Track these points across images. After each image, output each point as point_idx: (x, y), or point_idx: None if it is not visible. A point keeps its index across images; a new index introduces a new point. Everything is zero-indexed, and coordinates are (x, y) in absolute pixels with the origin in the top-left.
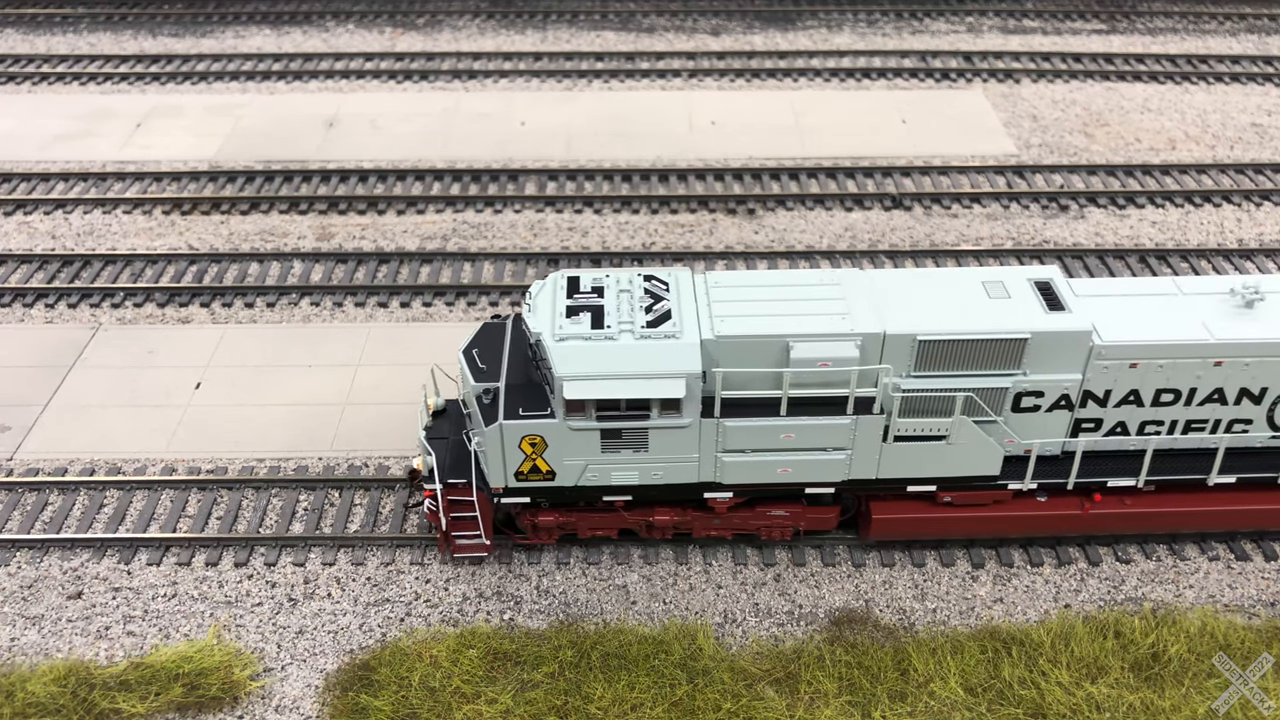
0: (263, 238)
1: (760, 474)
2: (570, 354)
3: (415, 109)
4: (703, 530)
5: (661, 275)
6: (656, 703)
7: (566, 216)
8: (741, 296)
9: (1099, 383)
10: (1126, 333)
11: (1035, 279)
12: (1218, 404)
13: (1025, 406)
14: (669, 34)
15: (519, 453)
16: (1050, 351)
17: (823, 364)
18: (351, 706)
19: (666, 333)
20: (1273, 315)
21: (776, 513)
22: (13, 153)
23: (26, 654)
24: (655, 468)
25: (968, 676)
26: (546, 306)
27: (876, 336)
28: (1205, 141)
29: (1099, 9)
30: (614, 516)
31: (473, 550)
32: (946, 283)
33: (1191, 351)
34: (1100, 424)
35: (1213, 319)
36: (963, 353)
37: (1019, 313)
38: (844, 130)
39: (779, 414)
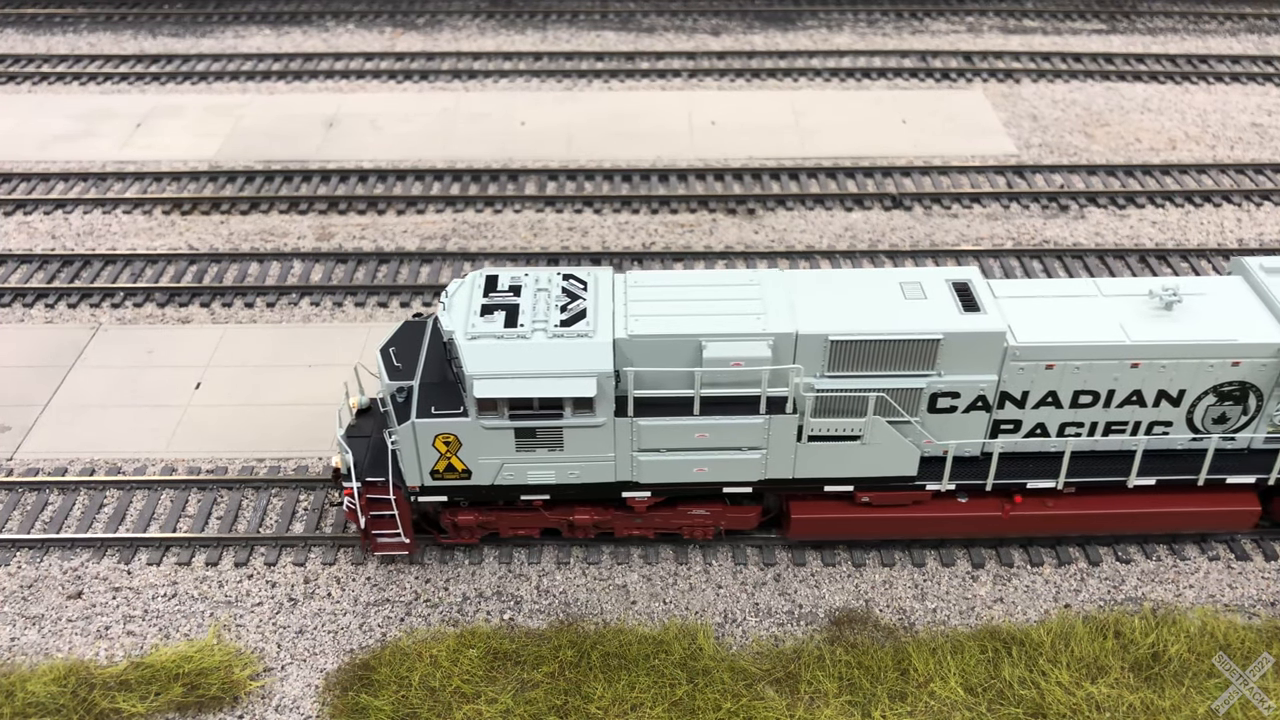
0: (263, 238)
1: (677, 473)
2: (481, 352)
3: (415, 109)
4: (624, 530)
5: (581, 275)
6: (656, 703)
7: (566, 216)
8: (659, 296)
9: (1015, 384)
10: (1042, 334)
11: (954, 280)
12: (1137, 406)
13: (942, 407)
14: (669, 34)
15: (433, 451)
16: (965, 352)
17: (735, 364)
18: (351, 706)
19: (579, 332)
20: (1190, 317)
21: (697, 512)
22: (13, 153)
23: (26, 654)
24: (571, 467)
25: (968, 676)
26: (462, 305)
27: (789, 336)
28: (1205, 141)
29: (1099, 9)
30: (534, 516)
31: (393, 549)
32: (865, 283)
33: (1107, 353)
34: (1019, 426)
35: (1130, 321)
36: (875, 353)
37: (933, 314)
38: (844, 130)
39: (693, 414)
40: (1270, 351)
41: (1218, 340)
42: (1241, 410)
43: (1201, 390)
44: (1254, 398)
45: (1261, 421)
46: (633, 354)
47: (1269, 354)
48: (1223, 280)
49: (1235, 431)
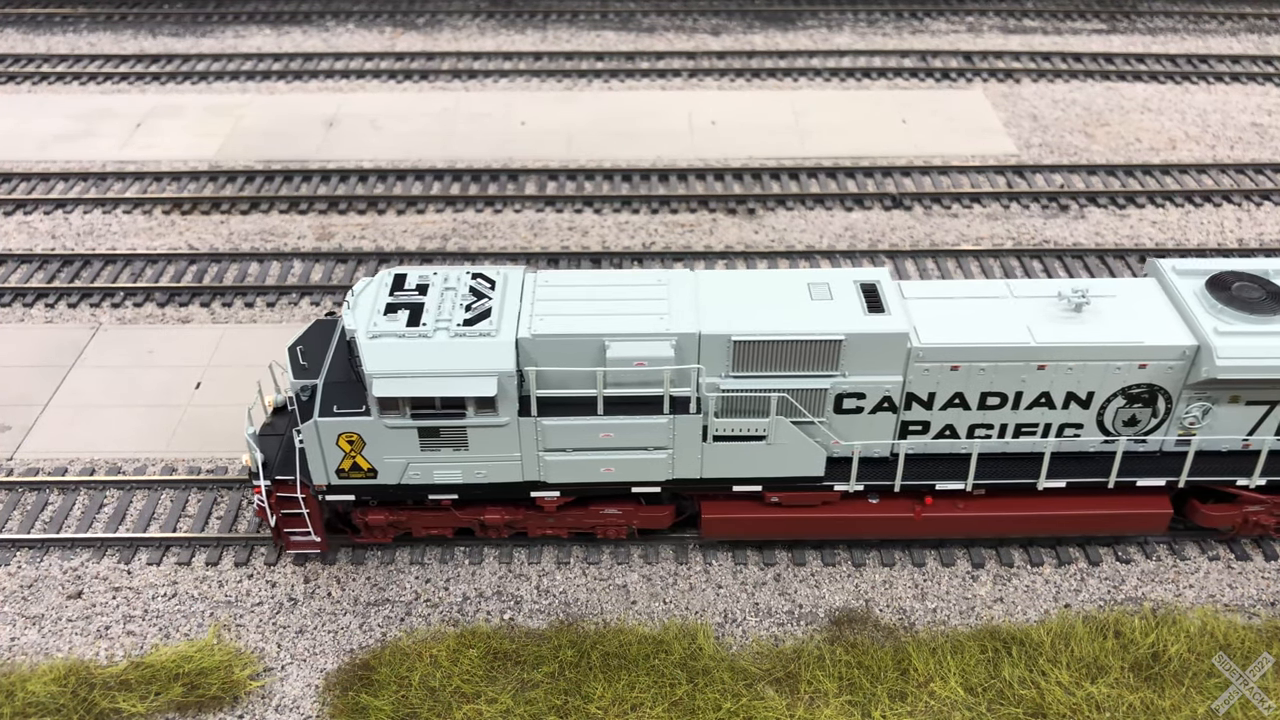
0: (263, 238)
1: (584, 473)
2: (381, 351)
3: (415, 109)
4: (538, 529)
5: (490, 274)
6: (656, 702)
7: (566, 216)
8: (566, 296)
9: (921, 385)
10: (946, 335)
11: (862, 281)
12: (1046, 408)
13: (848, 408)
14: (669, 34)
15: (337, 450)
16: (868, 353)
17: (639, 363)
18: (351, 706)
19: (482, 331)
20: (1098, 319)
21: (610, 511)
22: (13, 153)
23: (26, 653)
24: (478, 466)
25: (968, 676)
26: (368, 304)
27: (692, 336)
28: (1205, 141)
29: (1099, 9)
30: (446, 515)
31: (305, 547)
32: (773, 284)
33: (1012, 354)
34: (928, 427)
35: (1037, 322)
36: (779, 354)
37: (837, 315)
38: (844, 130)
39: (597, 414)
40: (1176, 354)
41: (1123, 342)
42: (1151, 413)
43: (1110, 392)
44: (1163, 400)
45: (1172, 424)
46: (536, 353)
47: (1175, 356)
48: (1136, 282)
49: (1146, 434)
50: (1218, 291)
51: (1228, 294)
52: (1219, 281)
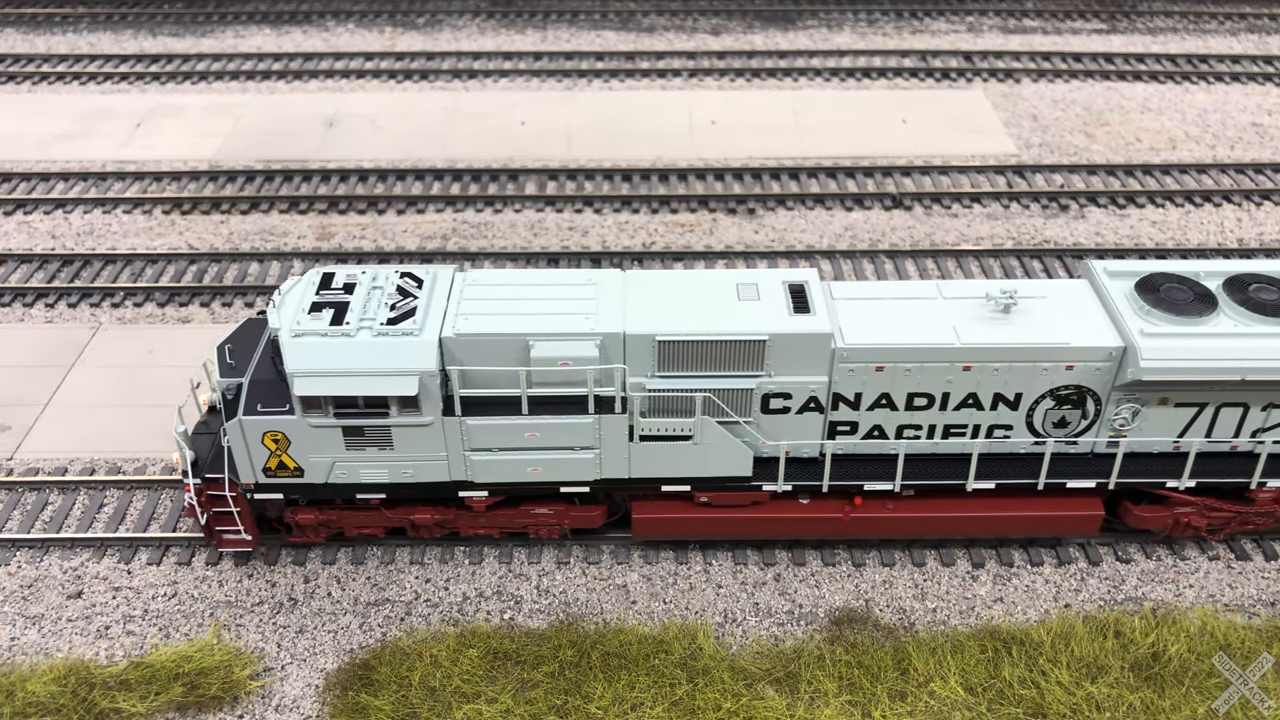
0: (263, 237)
1: (511, 473)
2: (303, 350)
3: (415, 109)
4: (469, 529)
5: (419, 273)
6: (656, 702)
7: (566, 216)
8: (493, 295)
9: (847, 385)
10: (870, 336)
11: (790, 282)
12: (974, 409)
13: (775, 408)
14: (669, 34)
15: (263, 449)
16: (793, 353)
17: (563, 363)
18: (352, 706)
19: (405, 330)
20: (1026, 320)
21: (541, 511)
22: (13, 153)
23: (26, 653)
24: (404, 466)
25: (968, 676)
26: (293, 303)
27: (617, 336)
28: (1205, 141)
29: (1099, 9)
30: (376, 515)
31: (237, 545)
32: (702, 284)
33: (937, 355)
34: (856, 427)
35: (964, 323)
36: (703, 354)
37: (762, 315)
38: (844, 130)
39: (522, 413)
40: (1102, 355)
41: (1049, 343)
42: (1081, 414)
43: (1038, 394)
44: (1092, 402)
45: (1102, 426)
46: (460, 353)
47: (1101, 358)
48: (1068, 283)
49: (1077, 436)
50: (1146, 293)
51: (1156, 296)
52: (1148, 283)
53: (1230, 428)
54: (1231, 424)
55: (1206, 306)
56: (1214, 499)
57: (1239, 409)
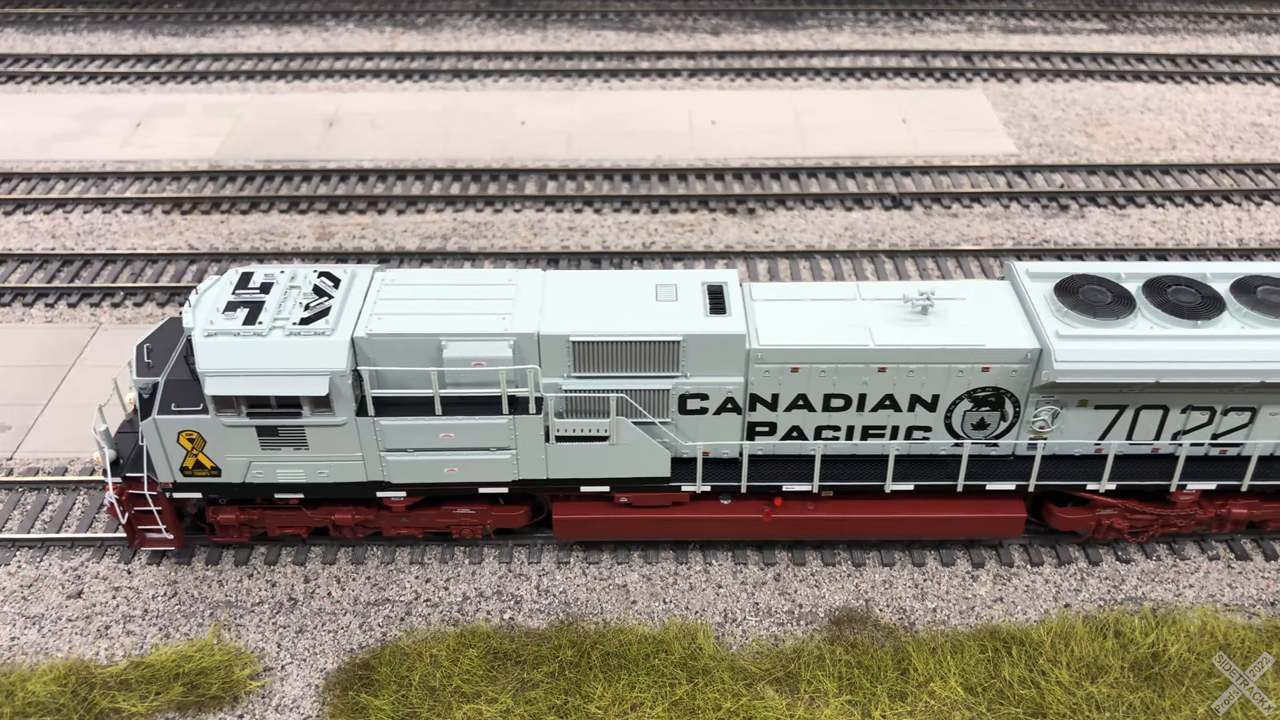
0: (263, 237)
1: (428, 473)
2: (215, 350)
3: (415, 108)
4: (392, 529)
5: (337, 273)
6: (656, 702)
7: (566, 216)
8: (410, 295)
9: (764, 386)
10: (785, 337)
11: (709, 282)
12: (891, 410)
13: (692, 409)
14: (669, 33)
15: (179, 448)
16: (708, 355)
17: (476, 364)
18: (352, 706)
19: (317, 330)
20: (942, 322)
21: (463, 511)
22: (13, 153)
23: (27, 653)
24: (320, 466)
25: (968, 676)
26: (209, 302)
27: (531, 337)
28: (1205, 141)
29: (1099, 9)
30: (297, 515)
31: (160, 545)
32: (621, 284)
33: (850, 356)
34: (775, 428)
35: (880, 324)
36: (618, 354)
37: (677, 316)
38: (844, 130)
39: (436, 414)
40: (1018, 357)
41: (964, 345)
42: (1000, 416)
43: (956, 395)
44: (1010, 404)
45: (1022, 428)
46: (373, 353)
47: (1017, 359)
48: (990, 285)
49: (997, 438)
50: (1064, 295)
51: (1074, 297)
52: (1067, 285)
53: (1151, 430)
54: (1152, 426)
55: (1124, 309)
56: (1136, 501)
57: (1159, 411)
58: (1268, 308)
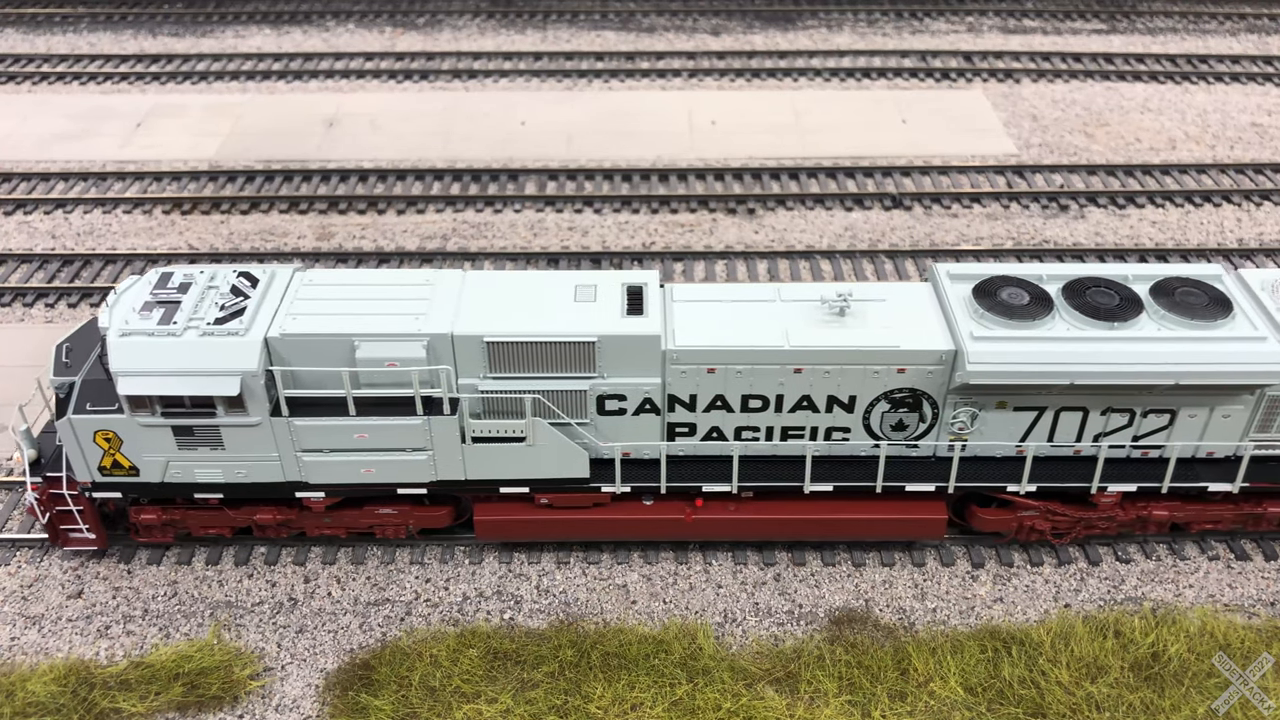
0: (263, 237)
1: (345, 474)
2: (129, 349)
3: (415, 108)
4: (315, 529)
5: (256, 273)
6: (656, 702)
7: (566, 216)
8: (327, 295)
9: (681, 387)
10: (700, 338)
11: (629, 283)
12: (809, 411)
13: (610, 410)
14: (669, 34)
15: (96, 448)
16: (624, 355)
17: (390, 364)
18: (352, 706)
19: (230, 330)
20: (859, 323)
21: (385, 511)
22: (13, 153)
23: (27, 653)
24: (237, 466)
25: (968, 676)
26: (127, 302)
27: (445, 337)
28: (1205, 141)
29: (1099, 9)
30: (219, 515)
31: (83, 544)
32: (542, 285)
33: (766, 357)
34: (695, 429)
35: (796, 326)
36: (533, 355)
37: (593, 317)
38: (844, 130)
39: (349, 414)
40: (933, 358)
41: (878, 346)
42: (919, 418)
43: (873, 397)
44: (928, 405)
45: (941, 429)
46: (287, 353)
47: (932, 361)
48: (911, 286)
49: (917, 439)
50: (982, 297)
51: (992, 299)
52: (986, 287)
53: (1072, 432)
54: (1073, 428)
55: (1041, 310)
56: (1058, 503)
57: (1078, 413)
58: (1185, 310)
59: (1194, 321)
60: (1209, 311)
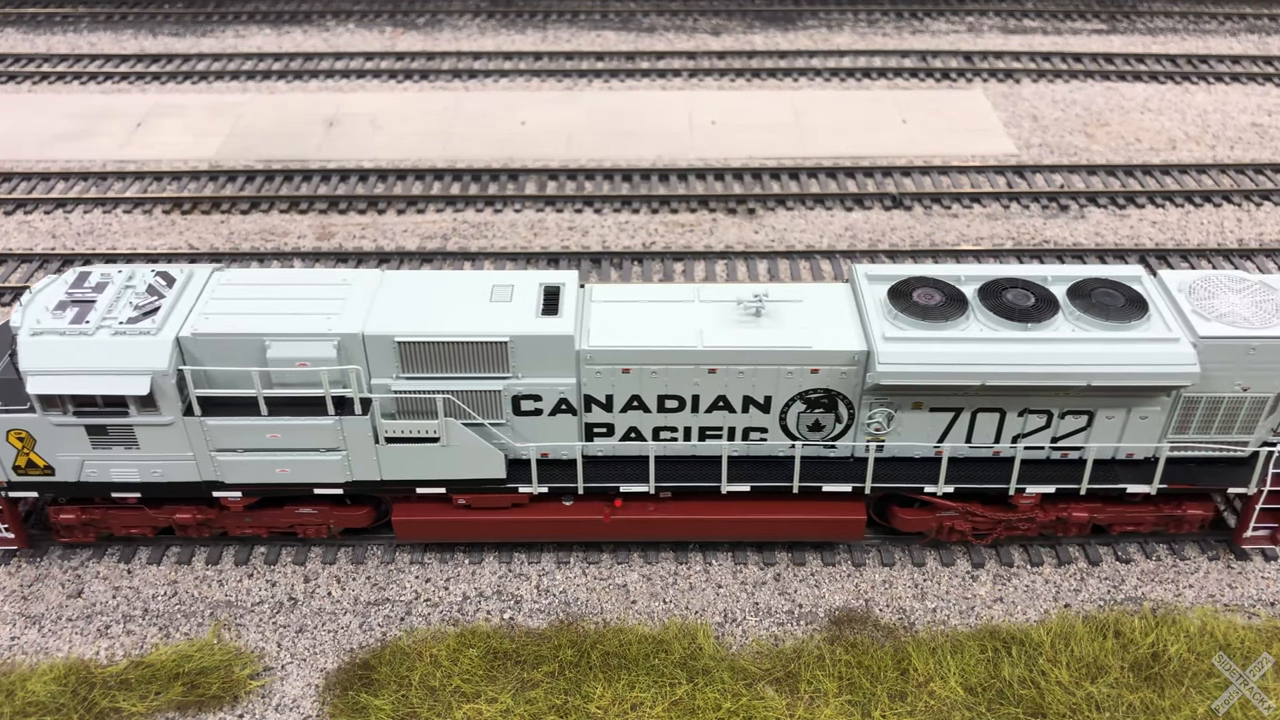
0: (263, 237)
1: (260, 473)
2: (39, 349)
3: (415, 108)
4: (236, 529)
5: (174, 272)
6: (656, 702)
7: (566, 216)
8: (243, 295)
9: (596, 387)
10: (614, 338)
11: (547, 283)
12: (726, 411)
13: (526, 410)
14: (669, 34)
15: (9, 447)
16: (538, 355)
17: (301, 364)
18: (351, 705)
19: (143, 329)
20: (774, 324)
21: (305, 511)
22: (13, 152)
23: (26, 653)
24: (153, 465)
25: (968, 676)
26: (42, 301)
27: (355, 337)
28: (1205, 141)
29: (1099, 9)
30: (139, 514)
31: (1, 544)
32: (458, 285)
33: (680, 358)
34: (613, 429)
35: (712, 326)
36: (445, 355)
37: (506, 317)
38: (844, 130)
39: (261, 414)
40: (846, 359)
41: (790, 346)
42: (835, 418)
43: (788, 397)
44: (844, 405)
45: (858, 430)
46: (199, 353)
47: (845, 361)
48: (830, 287)
49: (834, 439)
50: (897, 298)
51: (905, 300)
52: (901, 288)
53: (990, 433)
54: (990, 430)
55: (956, 311)
56: (978, 505)
57: (995, 414)
58: (1100, 311)
59: (1108, 323)
60: (1124, 313)
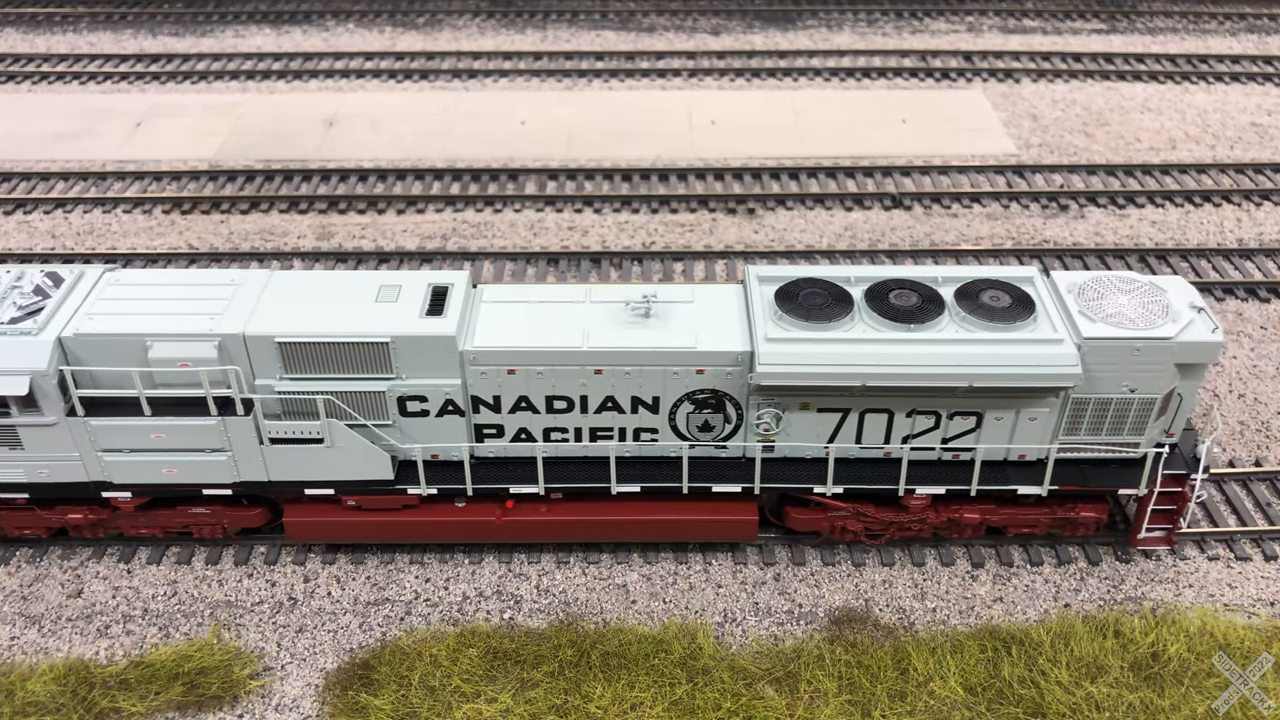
0: (263, 237)
1: (147, 474)
2: None
3: (415, 108)
4: (130, 529)
5: (63, 273)
6: (656, 702)
7: (566, 216)
8: (130, 295)
9: (483, 388)
10: (498, 339)
11: (435, 283)
12: (615, 412)
13: (413, 411)
14: (669, 33)
15: None
16: (421, 356)
17: (182, 364)
18: (351, 705)
19: (23, 329)
20: (663, 325)
21: (198, 511)
22: (13, 152)
23: (26, 653)
24: (38, 466)
25: (967, 676)
26: None
27: (237, 338)
28: (1205, 141)
29: (1099, 9)
30: (31, 515)
31: None
32: (344, 285)
33: (565, 359)
34: (503, 430)
35: (599, 327)
36: (327, 356)
37: (389, 317)
38: (844, 130)
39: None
40: (730, 360)
41: (674, 347)
42: (724, 419)
43: (676, 398)
44: (731, 406)
45: (748, 430)
46: (82, 353)
47: (729, 362)
48: (723, 288)
49: (725, 440)
50: (783, 299)
51: (791, 301)
52: (788, 289)
53: (879, 434)
54: (880, 430)
55: (841, 312)
56: (870, 505)
57: (884, 415)
58: (985, 312)
59: (993, 324)
60: (1009, 313)
